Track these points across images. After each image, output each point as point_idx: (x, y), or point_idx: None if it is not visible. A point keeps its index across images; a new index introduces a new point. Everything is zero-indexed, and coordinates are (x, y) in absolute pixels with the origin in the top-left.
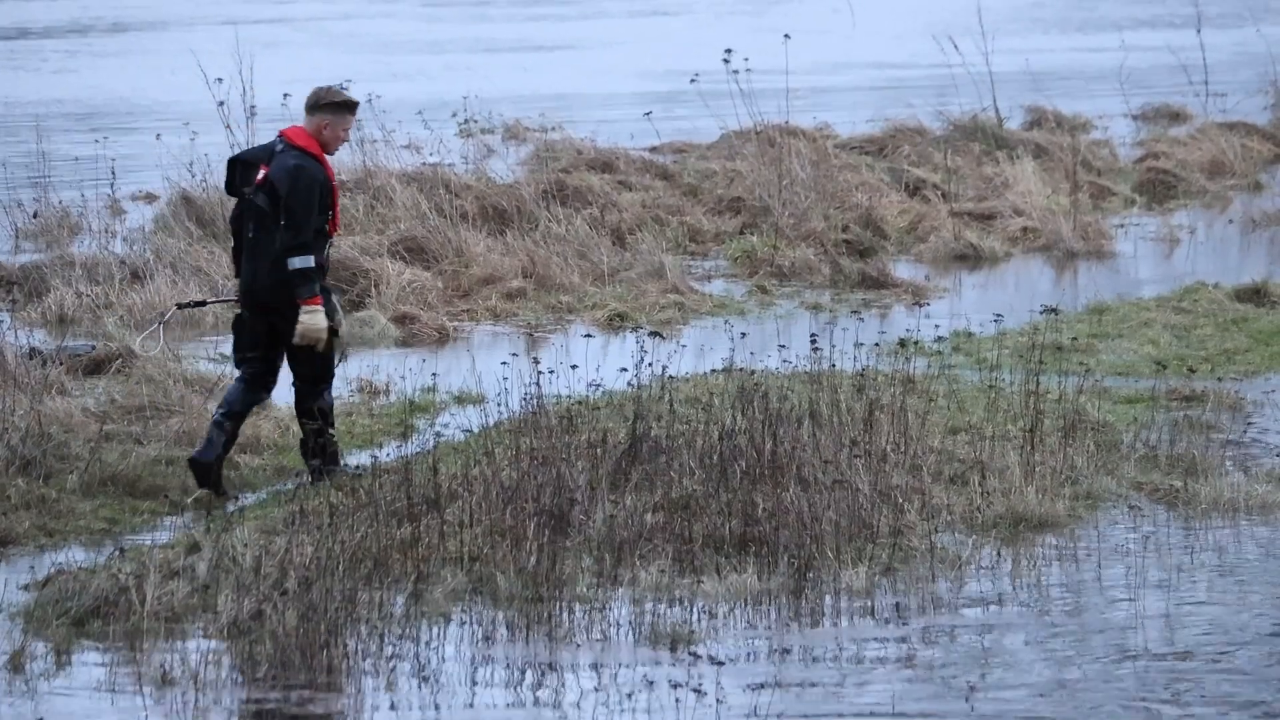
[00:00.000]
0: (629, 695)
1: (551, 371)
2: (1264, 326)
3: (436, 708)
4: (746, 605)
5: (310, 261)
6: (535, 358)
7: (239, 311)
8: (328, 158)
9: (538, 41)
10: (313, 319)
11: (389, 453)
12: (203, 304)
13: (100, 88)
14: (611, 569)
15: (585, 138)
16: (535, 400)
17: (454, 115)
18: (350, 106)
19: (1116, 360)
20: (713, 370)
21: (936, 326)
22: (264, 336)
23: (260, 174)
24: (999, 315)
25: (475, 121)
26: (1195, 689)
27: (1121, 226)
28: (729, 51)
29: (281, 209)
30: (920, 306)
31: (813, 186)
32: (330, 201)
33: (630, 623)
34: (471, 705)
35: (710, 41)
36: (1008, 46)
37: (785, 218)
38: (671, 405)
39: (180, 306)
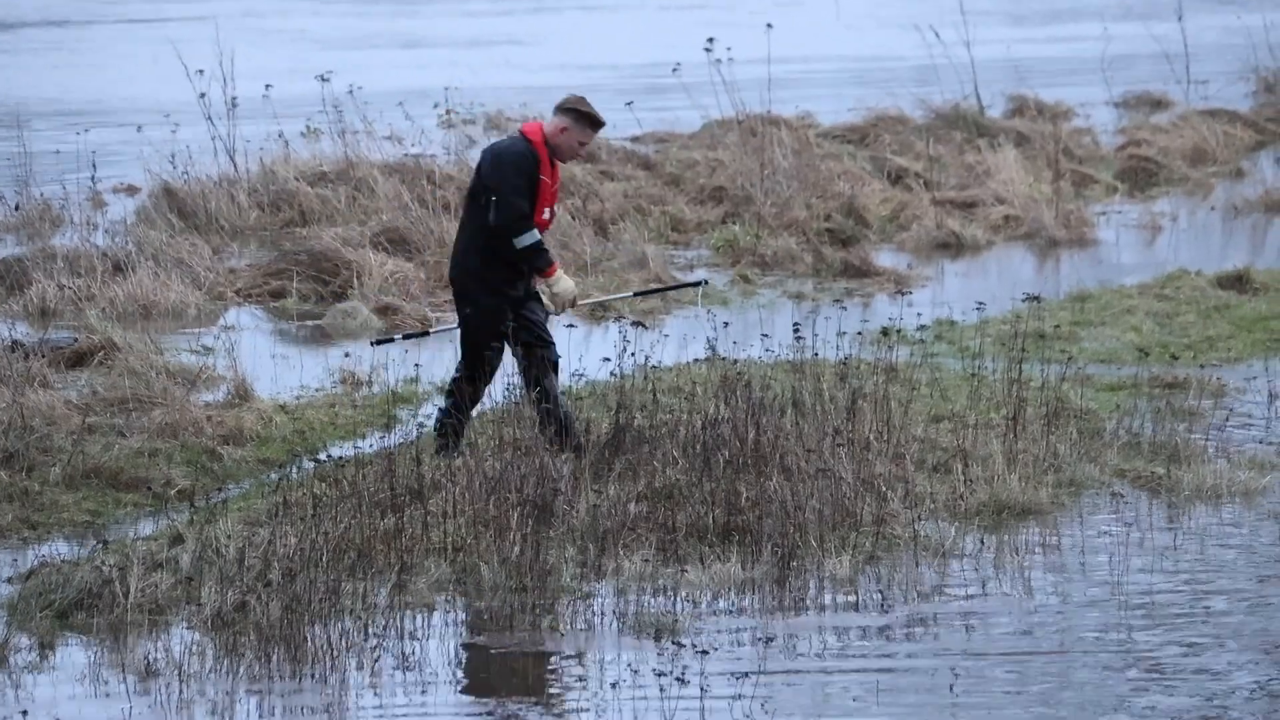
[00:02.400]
0: (613, 685)
1: None
2: (1246, 313)
3: (421, 698)
4: (730, 594)
5: (536, 236)
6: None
7: None
8: (559, 163)
9: (479, 37)
10: (559, 285)
11: (372, 443)
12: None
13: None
14: (595, 559)
15: None
16: (518, 391)
17: (435, 106)
18: (593, 121)
19: (1099, 348)
20: (695, 360)
21: (919, 315)
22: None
23: None
24: (981, 303)
25: (456, 112)
26: (1179, 670)
27: (1103, 214)
28: (711, 41)
29: (488, 188)
30: (903, 295)
31: (795, 175)
32: (536, 193)
33: (614, 612)
34: (456, 695)
35: (669, 36)
36: (988, 35)
37: (767, 207)
38: (654, 395)
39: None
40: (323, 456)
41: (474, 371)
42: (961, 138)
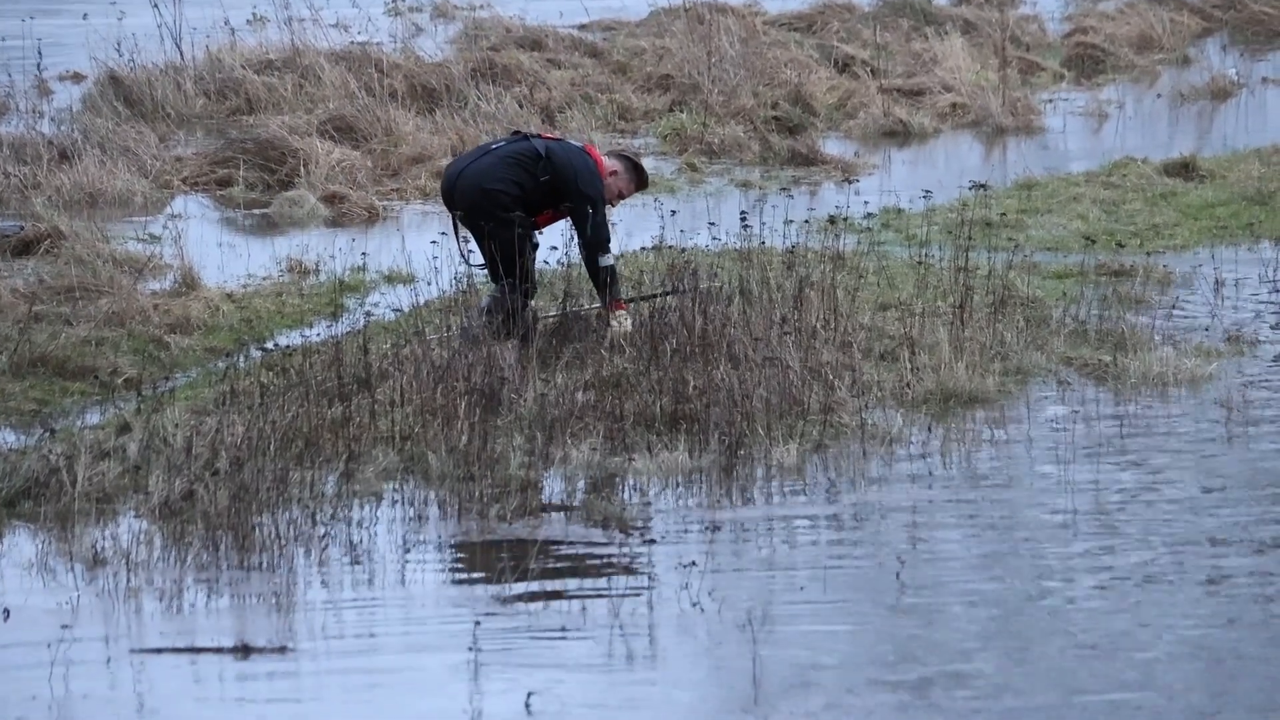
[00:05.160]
0: (559, 573)
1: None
2: (1192, 201)
3: (369, 586)
4: (678, 483)
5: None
6: (464, 236)
7: None
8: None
9: None
10: (626, 324)
11: (319, 332)
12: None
13: None
14: (543, 447)
15: (514, 15)
16: (465, 279)
17: None
18: (642, 181)
19: (1045, 235)
20: (643, 248)
21: (866, 203)
22: None
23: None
24: (928, 191)
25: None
26: (1122, 559)
27: (1050, 102)
28: None
29: (588, 197)
30: (850, 183)
31: (742, 63)
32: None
33: (562, 501)
34: (403, 583)
35: None
36: None
37: (714, 95)
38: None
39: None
40: (270, 345)
41: (514, 276)
42: (909, 25)
